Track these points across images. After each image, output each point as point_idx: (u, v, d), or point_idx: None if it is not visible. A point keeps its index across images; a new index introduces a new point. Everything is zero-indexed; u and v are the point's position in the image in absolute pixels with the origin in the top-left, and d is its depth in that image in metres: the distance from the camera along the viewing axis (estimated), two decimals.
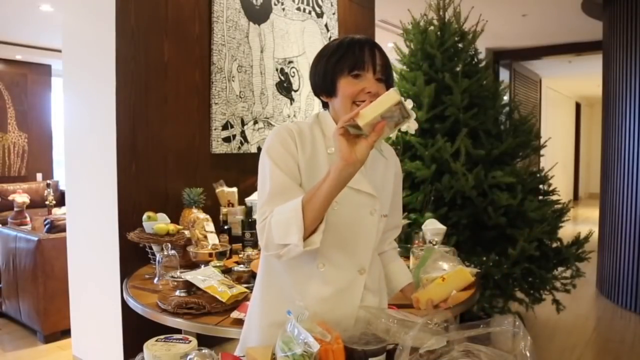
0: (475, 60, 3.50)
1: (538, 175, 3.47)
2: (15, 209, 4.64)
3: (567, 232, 3.73)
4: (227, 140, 3.10)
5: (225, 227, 2.57)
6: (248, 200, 2.71)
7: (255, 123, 3.30)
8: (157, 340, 1.05)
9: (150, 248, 2.30)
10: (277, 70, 3.47)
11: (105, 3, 2.52)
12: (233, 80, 3.13)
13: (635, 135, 4.09)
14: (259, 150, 1.61)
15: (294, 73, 3.62)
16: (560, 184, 6.54)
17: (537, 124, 4.58)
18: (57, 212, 4.59)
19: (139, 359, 1.04)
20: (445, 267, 1.20)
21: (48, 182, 6.06)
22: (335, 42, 1.19)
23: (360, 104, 1.13)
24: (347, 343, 1.00)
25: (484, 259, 3.11)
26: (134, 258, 2.45)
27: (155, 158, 2.73)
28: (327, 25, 3.88)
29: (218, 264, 2.06)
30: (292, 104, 3.59)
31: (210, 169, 3.02)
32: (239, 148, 3.19)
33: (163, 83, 2.76)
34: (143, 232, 2.30)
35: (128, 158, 2.58)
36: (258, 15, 3.30)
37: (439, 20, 3.43)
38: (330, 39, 3.75)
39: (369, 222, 1.20)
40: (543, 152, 3.74)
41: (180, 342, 1.04)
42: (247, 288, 1.78)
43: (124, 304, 2.19)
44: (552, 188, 3.58)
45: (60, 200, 5.66)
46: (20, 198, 4.69)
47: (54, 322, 3.29)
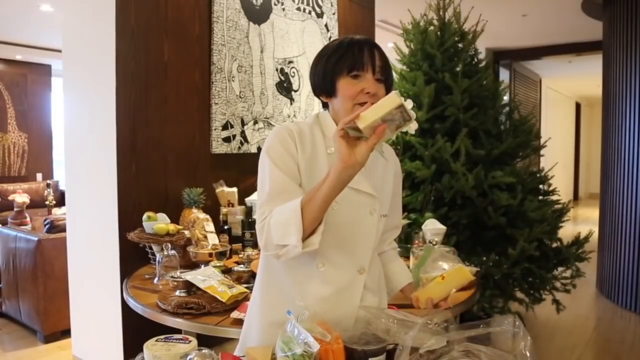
0: (475, 60, 3.50)
1: (538, 175, 3.47)
2: (15, 209, 4.63)
3: (567, 232, 3.73)
4: (227, 140, 3.10)
5: (225, 227, 2.57)
6: (248, 200, 2.72)
7: (255, 123, 3.30)
8: (157, 340, 1.05)
9: (150, 248, 2.30)
10: (277, 70, 3.47)
11: (105, 3, 2.52)
12: (233, 80, 3.13)
13: (635, 135, 4.08)
14: (259, 150, 1.61)
15: (294, 73, 3.62)
16: (560, 184, 6.53)
17: (537, 124, 4.58)
18: (57, 212, 4.59)
19: (139, 359, 1.04)
20: (445, 266, 1.20)
21: (48, 182, 6.06)
22: (335, 42, 1.19)
23: (360, 105, 1.13)
24: (347, 343, 1.00)
25: (484, 259, 3.11)
26: (134, 258, 2.45)
27: (155, 158, 2.73)
28: (327, 25, 3.88)
29: (218, 264, 2.06)
30: (292, 104, 3.59)
31: (210, 169, 3.03)
32: (239, 148, 3.19)
33: (163, 83, 2.76)
34: (143, 232, 2.30)
35: (128, 158, 2.58)
36: (258, 15, 3.30)
37: (439, 20, 3.43)
38: (330, 39, 3.76)
39: (369, 222, 1.20)
40: (543, 152, 3.74)
41: (180, 342, 1.04)
42: (247, 288, 1.78)
43: (124, 304, 2.19)
44: (552, 188, 3.58)
45: (60, 200, 5.66)
46: (20, 198, 4.69)
47: (54, 322, 3.29)
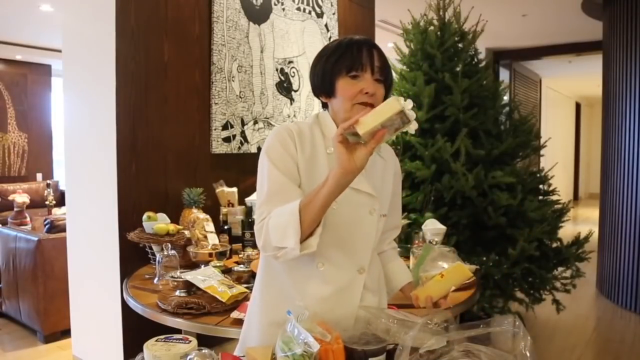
0: (475, 60, 3.50)
1: (538, 175, 3.48)
2: (15, 209, 4.63)
3: (567, 232, 3.73)
4: (227, 140, 3.10)
5: (225, 227, 2.57)
6: (248, 200, 2.72)
7: (255, 123, 3.30)
8: (157, 340, 1.05)
9: (150, 248, 2.30)
10: (277, 70, 3.47)
11: (105, 3, 2.52)
12: (233, 80, 3.13)
13: (635, 135, 4.08)
14: (259, 150, 1.61)
15: (294, 73, 3.62)
16: (560, 184, 6.54)
17: (537, 124, 4.58)
18: (57, 212, 4.59)
19: (139, 359, 1.04)
20: (445, 266, 1.20)
21: (48, 182, 6.06)
22: (334, 42, 1.20)
23: (360, 105, 1.13)
24: (347, 343, 1.01)
25: (484, 259, 3.11)
26: (134, 258, 2.45)
27: (155, 158, 2.73)
28: (327, 25, 3.88)
29: (218, 264, 2.06)
30: (292, 104, 3.59)
31: (210, 169, 3.02)
32: (239, 148, 3.19)
33: (163, 83, 2.76)
34: (143, 232, 2.30)
35: (128, 158, 2.58)
36: (258, 15, 3.30)
37: (439, 20, 3.43)
38: (330, 39, 3.76)
39: (369, 221, 1.20)
40: (543, 152, 3.74)
41: (180, 342, 1.04)
42: (247, 288, 1.78)
43: (124, 304, 2.19)
44: (552, 188, 3.58)
45: (60, 200, 5.66)
46: (20, 198, 4.69)
47: (54, 322, 3.29)
